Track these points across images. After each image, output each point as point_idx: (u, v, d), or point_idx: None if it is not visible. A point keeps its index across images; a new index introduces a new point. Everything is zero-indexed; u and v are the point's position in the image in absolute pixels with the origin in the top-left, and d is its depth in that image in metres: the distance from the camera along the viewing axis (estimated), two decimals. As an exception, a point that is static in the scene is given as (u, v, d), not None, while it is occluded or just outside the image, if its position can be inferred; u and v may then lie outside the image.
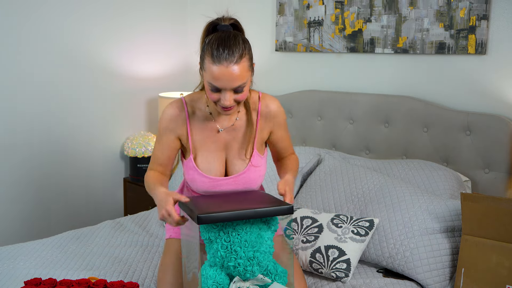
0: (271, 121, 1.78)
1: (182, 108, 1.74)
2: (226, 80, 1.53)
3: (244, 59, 1.56)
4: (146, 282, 1.90)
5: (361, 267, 2.04)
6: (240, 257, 1.45)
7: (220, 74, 1.53)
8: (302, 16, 2.93)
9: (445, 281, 1.92)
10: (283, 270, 1.57)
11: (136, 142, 3.23)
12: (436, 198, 2.09)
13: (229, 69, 1.52)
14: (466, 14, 2.36)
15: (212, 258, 1.50)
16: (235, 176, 1.73)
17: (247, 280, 1.50)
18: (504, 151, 2.26)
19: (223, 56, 1.52)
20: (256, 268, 1.47)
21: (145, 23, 3.36)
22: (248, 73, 1.58)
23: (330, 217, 2.10)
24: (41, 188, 3.04)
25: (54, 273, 1.91)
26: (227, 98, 1.56)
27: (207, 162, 1.73)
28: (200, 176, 1.72)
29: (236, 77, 1.54)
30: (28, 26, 2.86)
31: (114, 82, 3.27)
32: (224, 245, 1.46)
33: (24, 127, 2.93)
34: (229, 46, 1.53)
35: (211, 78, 1.55)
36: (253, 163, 1.74)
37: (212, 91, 1.57)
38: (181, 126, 1.74)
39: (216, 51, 1.53)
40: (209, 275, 1.48)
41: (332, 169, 2.40)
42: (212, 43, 1.56)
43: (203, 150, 1.74)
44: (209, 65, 1.54)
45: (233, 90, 1.57)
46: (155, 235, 2.37)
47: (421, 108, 2.49)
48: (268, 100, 1.78)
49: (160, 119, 1.76)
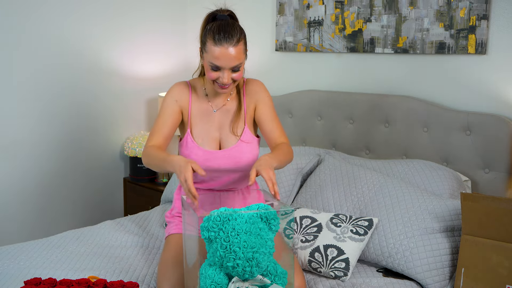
0: (253, 96, 1.97)
1: (187, 86, 1.97)
2: (225, 59, 1.76)
3: (241, 42, 1.79)
4: (146, 281, 1.90)
5: (361, 267, 2.04)
6: (239, 258, 1.44)
7: (221, 54, 1.75)
8: (302, 16, 2.93)
9: (445, 280, 1.92)
10: (283, 271, 1.56)
11: (136, 142, 3.23)
12: (436, 198, 2.09)
13: (228, 50, 1.75)
14: (466, 14, 2.35)
15: (212, 258, 1.50)
16: (227, 150, 1.90)
17: (246, 280, 1.49)
18: (504, 151, 2.26)
19: (223, 39, 1.75)
20: (255, 269, 1.47)
21: (145, 23, 3.37)
22: (243, 56, 1.81)
23: (329, 217, 2.10)
24: (41, 188, 3.04)
25: (54, 273, 1.91)
26: (226, 76, 1.78)
27: (201, 139, 1.92)
28: (196, 149, 1.89)
29: (234, 57, 1.76)
30: (28, 26, 2.87)
31: (114, 82, 3.28)
32: (224, 245, 1.46)
33: (24, 127, 2.93)
34: (228, 31, 1.76)
35: (213, 58, 1.77)
36: (243, 139, 1.92)
37: (212, 70, 1.79)
38: (185, 99, 1.94)
39: (218, 35, 1.76)
40: (208, 274, 1.49)
41: (332, 169, 2.40)
42: (213, 29, 1.78)
43: (199, 128, 1.93)
44: (211, 47, 1.77)
45: (231, 69, 1.78)
46: (155, 235, 2.37)
47: (421, 108, 2.49)
48: (252, 80, 2.01)
49: (166, 93, 1.96)
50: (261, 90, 1.98)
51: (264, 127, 1.95)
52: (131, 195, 3.38)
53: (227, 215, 1.49)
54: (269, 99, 1.98)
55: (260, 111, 1.95)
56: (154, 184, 3.30)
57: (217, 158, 1.88)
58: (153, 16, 3.41)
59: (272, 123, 1.95)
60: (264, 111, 1.95)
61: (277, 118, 1.97)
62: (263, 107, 1.95)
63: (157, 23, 3.43)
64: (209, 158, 1.88)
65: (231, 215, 1.49)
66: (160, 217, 2.55)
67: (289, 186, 2.48)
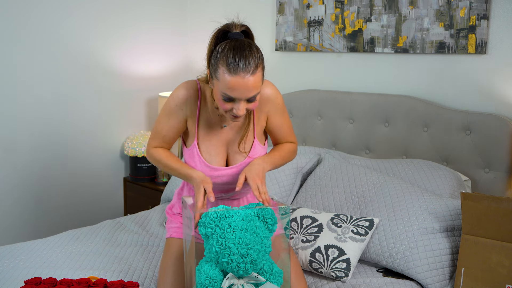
0: (266, 105, 1.76)
1: (196, 90, 1.73)
2: (242, 91, 1.52)
3: (259, 68, 1.54)
4: (146, 281, 1.90)
5: (361, 267, 2.04)
6: (233, 254, 1.46)
7: (237, 85, 1.51)
8: (302, 15, 2.93)
9: (445, 280, 1.92)
10: (279, 270, 1.57)
11: (136, 142, 3.23)
12: (436, 197, 2.09)
13: (245, 80, 1.51)
14: (466, 13, 2.35)
15: (208, 254, 1.52)
16: (235, 167, 1.75)
17: (241, 278, 1.51)
18: (504, 150, 2.26)
19: (239, 67, 1.50)
20: (249, 266, 1.48)
21: (145, 23, 3.36)
22: (261, 84, 1.58)
23: (330, 217, 2.10)
24: (41, 188, 3.04)
25: (54, 273, 1.91)
26: (241, 108, 1.56)
27: (208, 154, 1.75)
28: (203, 165, 1.73)
29: (251, 88, 1.53)
30: (28, 25, 2.86)
31: (114, 82, 3.27)
32: (219, 241, 1.48)
33: (25, 127, 2.93)
34: (245, 56, 1.51)
35: (226, 89, 1.53)
36: (251, 155, 1.75)
37: (225, 100, 1.56)
38: (192, 108, 1.73)
39: (233, 61, 1.50)
40: (203, 270, 1.50)
41: (332, 169, 2.40)
42: (227, 52, 1.52)
43: (206, 142, 1.75)
44: (224, 75, 1.52)
45: (246, 100, 1.56)
46: (155, 234, 2.37)
47: (421, 107, 2.49)
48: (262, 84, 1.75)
49: (172, 95, 1.74)
50: (274, 95, 1.76)
51: (275, 135, 1.84)
52: (131, 194, 3.38)
53: (224, 212, 1.51)
54: (282, 104, 1.79)
55: (273, 123, 1.80)
56: (154, 183, 3.30)
57: (223, 175, 1.76)
58: (153, 16, 3.41)
59: (282, 129, 1.82)
60: (277, 123, 1.80)
61: (287, 121, 1.84)
62: (276, 118, 1.79)
63: (157, 23, 3.43)
64: (215, 175, 1.76)
65: (228, 212, 1.51)
66: (160, 217, 2.55)
67: (289, 185, 2.48)
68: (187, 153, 1.78)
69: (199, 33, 3.51)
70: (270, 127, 1.82)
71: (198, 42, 3.52)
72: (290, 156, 1.85)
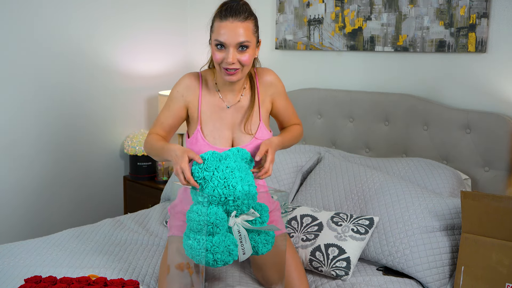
0: (269, 89, 1.86)
1: (197, 78, 1.83)
2: (230, 34, 1.63)
3: (249, 21, 1.67)
4: (146, 280, 1.90)
5: (361, 265, 2.04)
6: (239, 191, 1.54)
7: (226, 28, 1.64)
8: (302, 14, 2.93)
9: (445, 279, 1.92)
10: (265, 206, 1.66)
11: (136, 141, 3.23)
12: (436, 196, 2.09)
13: (234, 24, 1.64)
14: (466, 12, 2.35)
15: (206, 199, 1.55)
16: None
17: (237, 216, 1.59)
18: (504, 149, 2.26)
19: (229, 14, 1.64)
20: (251, 201, 1.58)
21: (145, 22, 3.36)
22: (252, 37, 1.68)
23: (330, 215, 2.10)
24: (41, 186, 3.04)
25: (54, 271, 1.91)
26: (231, 55, 1.64)
27: (213, 137, 1.80)
28: (206, 147, 1.77)
29: (239, 32, 1.64)
30: (28, 25, 2.86)
31: (114, 81, 3.27)
32: (221, 183, 1.55)
33: (25, 126, 2.93)
34: (236, 9, 1.66)
35: (217, 34, 1.65)
36: (258, 136, 1.81)
37: (217, 48, 1.67)
38: (193, 94, 1.82)
39: (224, 11, 1.65)
40: (212, 211, 1.54)
41: (332, 167, 2.40)
42: (221, 7, 1.68)
43: (211, 126, 1.81)
44: (217, 24, 1.66)
45: (237, 47, 1.65)
46: (155, 233, 2.37)
47: (421, 106, 2.49)
48: (264, 71, 1.88)
49: (175, 85, 1.84)
50: (276, 80, 1.88)
51: (281, 118, 1.94)
52: (131, 193, 3.38)
53: (220, 155, 1.61)
54: (283, 88, 1.90)
55: (278, 107, 1.90)
56: (154, 182, 3.30)
57: None
58: (153, 15, 3.40)
59: (287, 111, 1.92)
60: (281, 106, 1.90)
61: (290, 104, 1.94)
62: (280, 102, 1.89)
63: (157, 22, 3.43)
64: None
65: (224, 154, 1.62)
66: (160, 215, 2.55)
67: (289, 184, 2.48)
68: (192, 142, 1.81)
69: (199, 33, 3.50)
70: (276, 110, 1.90)
71: (198, 42, 3.51)
72: (299, 137, 1.94)
